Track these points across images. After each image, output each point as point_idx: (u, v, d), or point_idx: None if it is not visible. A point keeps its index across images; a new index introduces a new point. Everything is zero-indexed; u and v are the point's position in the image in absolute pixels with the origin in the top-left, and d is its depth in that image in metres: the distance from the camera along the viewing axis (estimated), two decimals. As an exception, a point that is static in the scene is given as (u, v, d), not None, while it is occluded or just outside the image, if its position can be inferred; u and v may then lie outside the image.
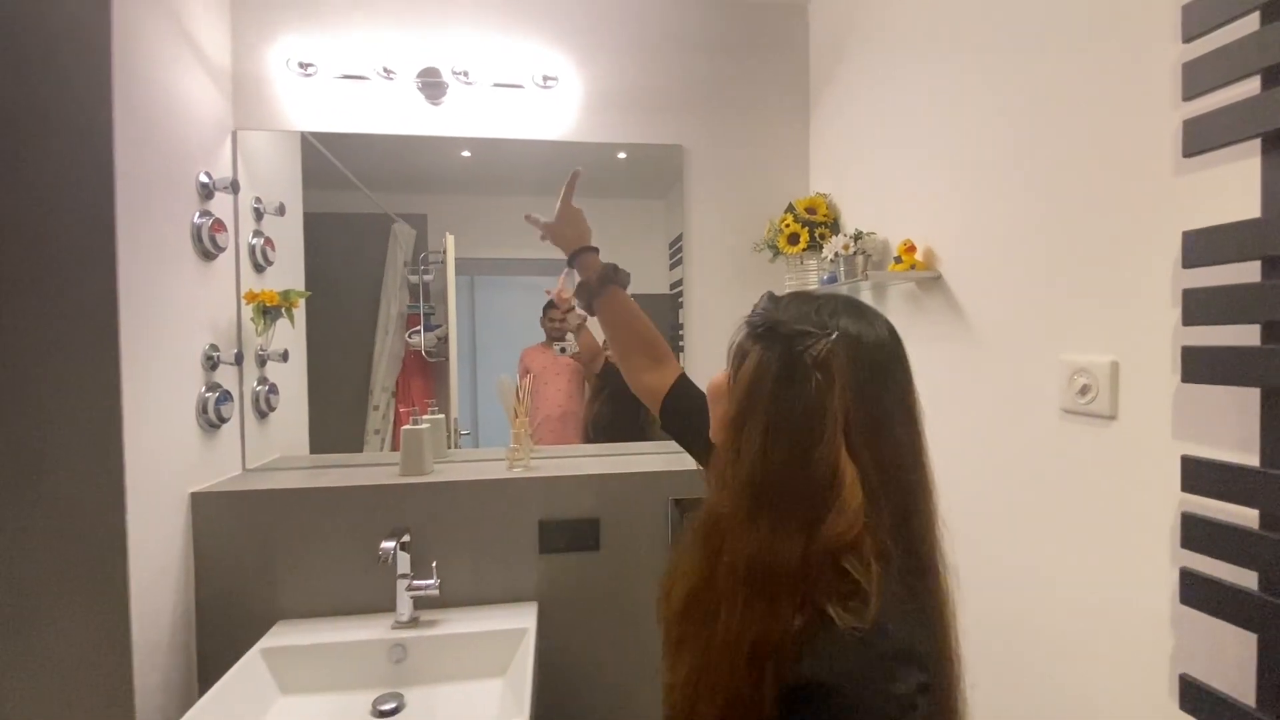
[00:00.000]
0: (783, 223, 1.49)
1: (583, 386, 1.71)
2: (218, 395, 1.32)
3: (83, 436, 1.05)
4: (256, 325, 1.42)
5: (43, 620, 1.04)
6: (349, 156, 1.55)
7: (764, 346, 0.59)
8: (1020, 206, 0.92)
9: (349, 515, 1.31)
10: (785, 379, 0.57)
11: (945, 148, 1.09)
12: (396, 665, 1.20)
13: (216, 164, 1.37)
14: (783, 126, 1.65)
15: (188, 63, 1.27)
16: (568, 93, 1.56)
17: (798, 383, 0.56)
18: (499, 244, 1.66)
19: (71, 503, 1.05)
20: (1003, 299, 0.96)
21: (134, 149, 1.09)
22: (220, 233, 1.33)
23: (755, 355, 0.59)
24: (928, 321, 1.15)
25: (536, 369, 1.67)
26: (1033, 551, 0.91)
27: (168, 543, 1.19)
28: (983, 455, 1.01)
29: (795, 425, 0.56)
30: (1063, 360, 0.84)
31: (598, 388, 1.69)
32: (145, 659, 1.10)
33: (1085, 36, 0.81)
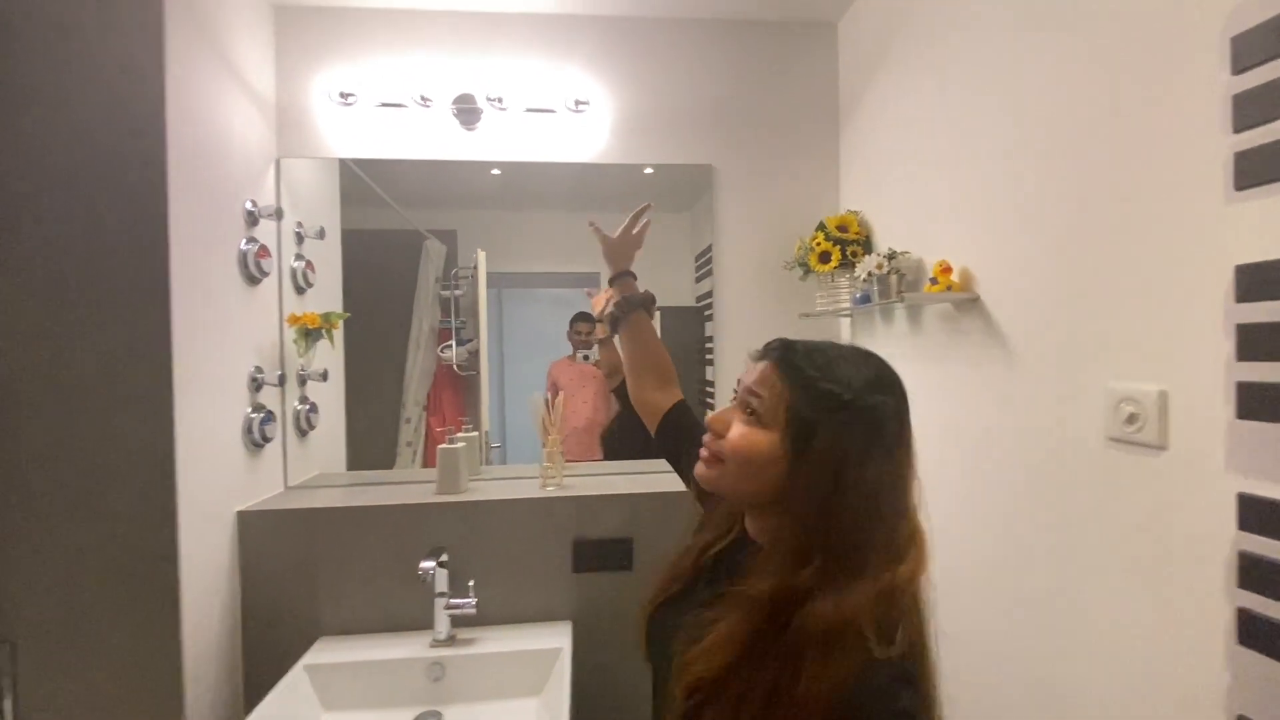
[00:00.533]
0: (814, 241, 1.49)
1: (608, 397, 1.72)
2: (262, 416, 1.36)
3: (138, 457, 1.09)
4: (299, 347, 1.47)
5: (98, 636, 1.09)
6: (384, 178, 1.59)
7: (842, 422, 0.61)
8: (1063, 230, 0.91)
9: (387, 533, 1.33)
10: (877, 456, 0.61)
11: (983, 168, 1.09)
12: (435, 683, 1.22)
13: (261, 192, 1.42)
14: (812, 144, 1.65)
15: (235, 95, 1.32)
16: (599, 116, 1.58)
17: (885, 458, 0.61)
18: (527, 258, 1.68)
19: (127, 522, 1.09)
20: (1045, 323, 0.95)
21: (185, 180, 1.14)
22: (265, 258, 1.37)
23: (834, 431, 0.61)
24: (965, 343, 1.14)
25: (564, 382, 1.70)
26: (1077, 581, 0.89)
27: (216, 560, 1.22)
28: (1023, 480, 0.99)
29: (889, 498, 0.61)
30: (1109, 388, 0.82)
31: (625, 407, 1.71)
32: (194, 674, 1.14)
33: (1131, 55, 0.80)
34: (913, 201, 1.31)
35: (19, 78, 1.07)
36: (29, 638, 1.08)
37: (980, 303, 1.08)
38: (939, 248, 1.21)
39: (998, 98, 1.05)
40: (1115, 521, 0.83)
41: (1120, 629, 0.82)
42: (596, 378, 1.71)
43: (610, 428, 1.70)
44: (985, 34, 1.07)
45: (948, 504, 1.20)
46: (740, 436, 0.66)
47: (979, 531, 1.11)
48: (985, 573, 1.09)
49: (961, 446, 1.15)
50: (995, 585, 1.06)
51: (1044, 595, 0.95)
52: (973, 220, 1.12)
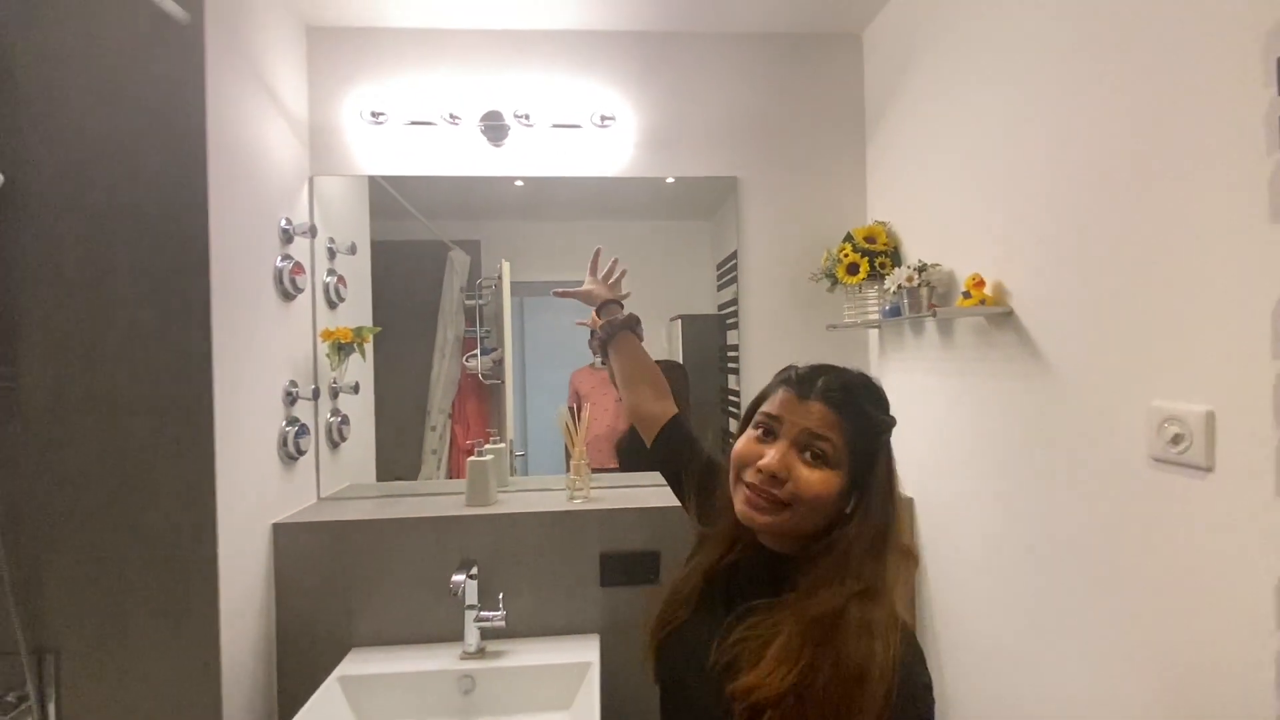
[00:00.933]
0: (841, 252, 1.48)
1: None
2: (296, 429, 1.38)
3: (179, 472, 1.12)
4: (331, 361, 1.49)
5: (139, 646, 1.11)
6: (410, 192, 1.61)
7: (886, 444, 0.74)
8: (1103, 243, 0.90)
9: (418, 545, 1.35)
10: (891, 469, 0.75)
11: (1016, 178, 1.07)
12: (465, 696, 1.23)
13: (295, 210, 1.45)
14: (838, 155, 1.64)
15: (270, 116, 1.36)
16: (624, 130, 1.60)
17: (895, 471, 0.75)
18: (548, 267, 1.69)
19: (168, 533, 1.12)
20: (1083, 339, 0.93)
21: (225, 199, 1.17)
22: (299, 275, 1.40)
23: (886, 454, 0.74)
24: (998, 358, 1.12)
25: (585, 390, 1.70)
26: (1116, 607, 0.87)
27: (253, 571, 1.25)
28: (1060, 500, 0.97)
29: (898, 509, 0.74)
30: (1152, 407, 0.81)
31: None
32: (232, 684, 1.16)
33: (1174, 64, 0.79)
34: (943, 212, 1.30)
35: (67, 101, 1.11)
36: (72, 647, 1.11)
37: (1014, 316, 1.07)
38: (971, 260, 1.19)
39: (1031, 107, 1.03)
40: (1158, 545, 0.81)
41: (1162, 658, 0.80)
42: None
43: (625, 435, 1.71)
44: (1016, 43, 1.06)
45: (980, 525, 1.18)
46: (820, 482, 0.71)
47: (1013, 554, 1.09)
48: (1020, 598, 1.07)
49: (994, 464, 1.14)
50: (1030, 611, 1.04)
51: (1081, 621, 0.93)
52: (1006, 232, 1.10)
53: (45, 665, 1.11)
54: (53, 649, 1.11)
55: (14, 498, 1.10)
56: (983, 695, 1.19)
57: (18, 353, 1.10)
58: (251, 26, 1.29)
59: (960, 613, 1.26)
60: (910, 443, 1.46)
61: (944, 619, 1.33)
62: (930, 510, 1.38)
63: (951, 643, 1.30)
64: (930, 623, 1.38)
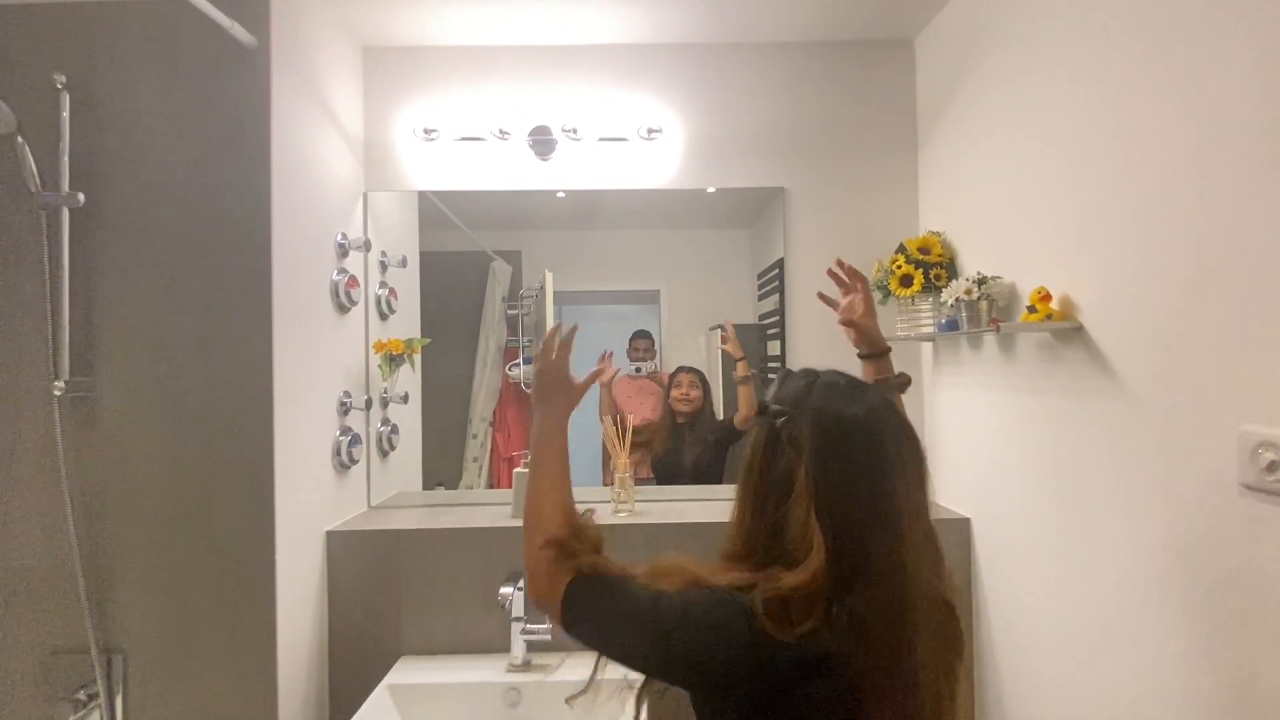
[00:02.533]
0: (893, 263, 1.44)
1: (665, 408, 1.71)
2: (349, 438, 1.41)
3: (241, 481, 1.15)
4: (383, 371, 1.52)
5: (201, 649, 1.15)
6: (457, 205, 1.65)
7: (757, 424, 0.73)
8: (1181, 251, 0.85)
9: (465, 555, 1.36)
10: (768, 452, 0.70)
11: (1082, 184, 1.03)
12: (511, 709, 1.23)
13: (350, 224, 1.49)
14: (889, 164, 1.60)
15: (329, 135, 1.40)
16: (670, 143, 1.59)
17: (776, 456, 0.69)
18: (588, 276, 1.71)
19: (229, 540, 1.15)
20: (1163, 357, 0.88)
21: (286, 215, 1.21)
22: (354, 288, 1.44)
23: (751, 433, 0.73)
24: (1066, 374, 1.07)
25: (622, 399, 1.70)
26: (1203, 647, 0.82)
27: (308, 578, 1.28)
28: (1135, 527, 0.92)
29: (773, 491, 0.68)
30: (1244, 431, 0.76)
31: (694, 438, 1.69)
32: (288, 688, 1.18)
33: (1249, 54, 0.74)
34: (1002, 222, 1.26)
35: (142, 123, 1.17)
36: (138, 648, 1.16)
37: (1084, 332, 1.02)
38: (1034, 272, 1.15)
39: (1096, 110, 0.99)
40: (1250, 577, 0.75)
41: (1250, 698, 0.75)
42: (654, 392, 1.71)
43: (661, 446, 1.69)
44: (1077, 45, 1.02)
45: (1041, 550, 1.13)
46: None
47: (1078, 583, 1.03)
48: (1086, 630, 1.01)
49: (1059, 487, 1.09)
50: (1097, 645, 0.99)
51: (1155, 658, 0.87)
52: (1073, 242, 1.06)
53: (114, 665, 1.15)
54: (120, 649, 1.15)
55: (89, 502, 1.15)
56: None
57: (95, 362, 1.15)
58: (312, 49, 1.33)
59: (1026, 643, 1.21)
60: (967, 463, 1.41)
61: (1006, 648, 1.27)
62: (990, 534, 1.32)
63: (1012, 672, 1.24)
64: (990, 652, 1.32)
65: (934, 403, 1.55)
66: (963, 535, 1.38)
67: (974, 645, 1.38)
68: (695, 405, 1.69)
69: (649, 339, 1.72)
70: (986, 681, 1.34)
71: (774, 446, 0.69)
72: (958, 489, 1.45)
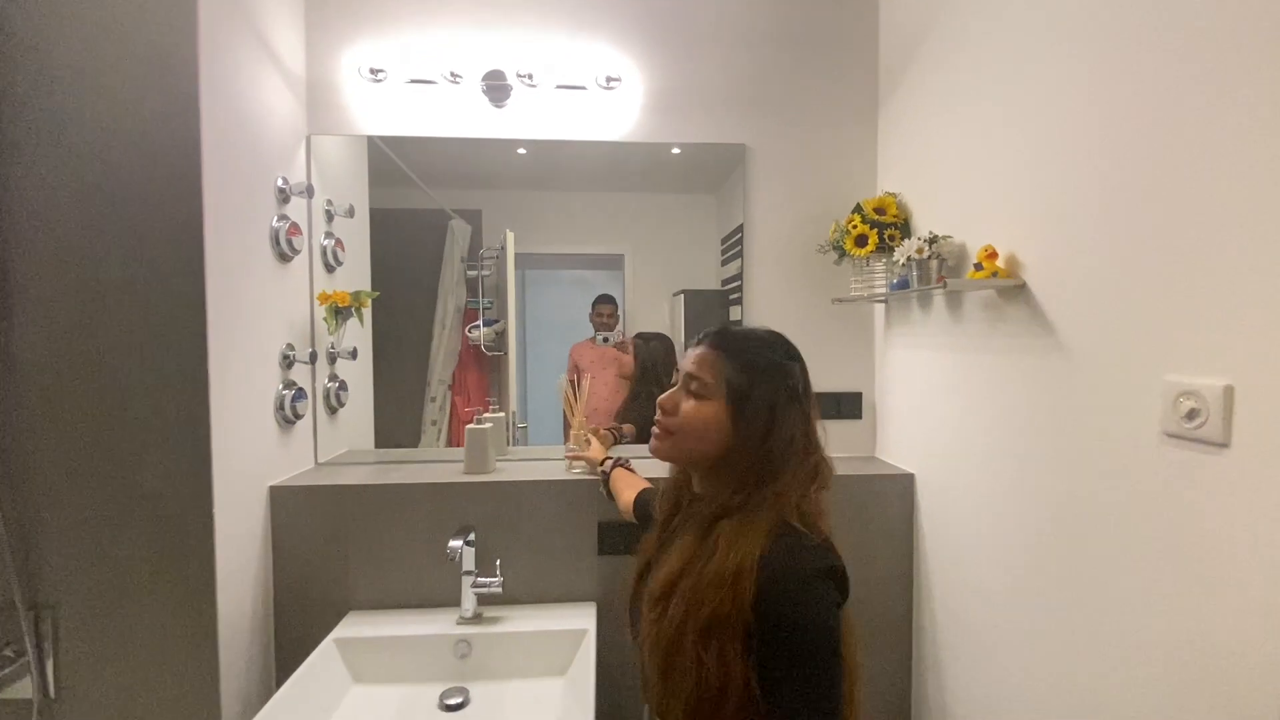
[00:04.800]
0: (850, 223, 1.44)
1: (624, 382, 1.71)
2: (293, 393, 1.37)
3: (174, 432, 1.11)
4: (329, 325, 1.47)
5: (137, 605, 1.12)
6: (411, 156, 1.58)
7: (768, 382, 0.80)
8: (1121, 213, 0.87)
9: (416, 511, 1.34)
10: (793, 405, 0.80)
11: (1033, 147, 1.04)
12: (461, 660, 1.23)
13: (292, 169, 1.42)
14: (850, 123, 1.60)
15: (266, 71, 1.32)
16: (630, 93, 1.55)
17: (798, 407, 0.80)
18: (550, 239, 1.67)
19: (163, 494, 1.11)
20: (1098, 313, 0.90)
21: (219, 155, 1.14)
22: (296, 235, 1.38)
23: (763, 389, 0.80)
24: (1007, 333, 1.10)
25: (585, 364, 1.69)
26: (1126, 586, 0.86)
27: (249, 534, 1.25)
28: (1069, 477, 0.96)
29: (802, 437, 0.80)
30: (1167, 381, 0.79)
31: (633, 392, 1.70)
32: (229, 644, 1.16)
33: (1198, 30, 0.75)
34: (956, 184, 1.27)
35: (53, 55, 1.07)
36: (70, 604, 1.11)
37: (1026, 290, 1.04)
38: (984, 233, 1.16)
39: (1048, 72, 0.99)
40: (1170, 524, 0.79)
41: (1174, 640, 0.79)
42: (617, 360, 1.70)
43: (623, 409, 1.69)
44: (1037, 7, 1.02)
45: (985, 505, 1.17)
46: (691, 410, 0.82)
47: (1019, 536, 1.07)
48: (1025, 580, 1.06)
49: (1001, 443, 1.12)
50: (1036, 593, 1.03)
51: (1089, 604, 0.92)
52: (1021, 203, 1.07)
53: (43, 621, 1.11)
54: (50, 605, 1.11)
55: (10, 454, 1.09)
56: (984, 679, 1.19)
57: (11, 307, 1.08)
58: (246, -25, 1.24)
59: (962, 594, 1.26)
60: (913, 421, 1.44)
61: (944, 600, 1.32)
62: (931, 489, 1.37)
63: (951, 624, 1.30)
64: (928, 603, 1.37)
65: (884, 363, 1.58)
66: (906, 490, 1.43)
67: (913, 595, 1.44)
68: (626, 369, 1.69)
69: (612, 304, 1.70)
70: (924, 629, 1.39)
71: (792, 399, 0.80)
72: (903, 446, 1.48)
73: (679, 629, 0.73)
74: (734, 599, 0.69)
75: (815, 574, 0.71)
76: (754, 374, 0.80)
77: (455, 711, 1.14)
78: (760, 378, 0.80)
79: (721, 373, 0.81)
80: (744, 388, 0.80)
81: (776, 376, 0.81)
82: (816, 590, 0.70)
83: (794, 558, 0.72)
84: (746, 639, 0.69)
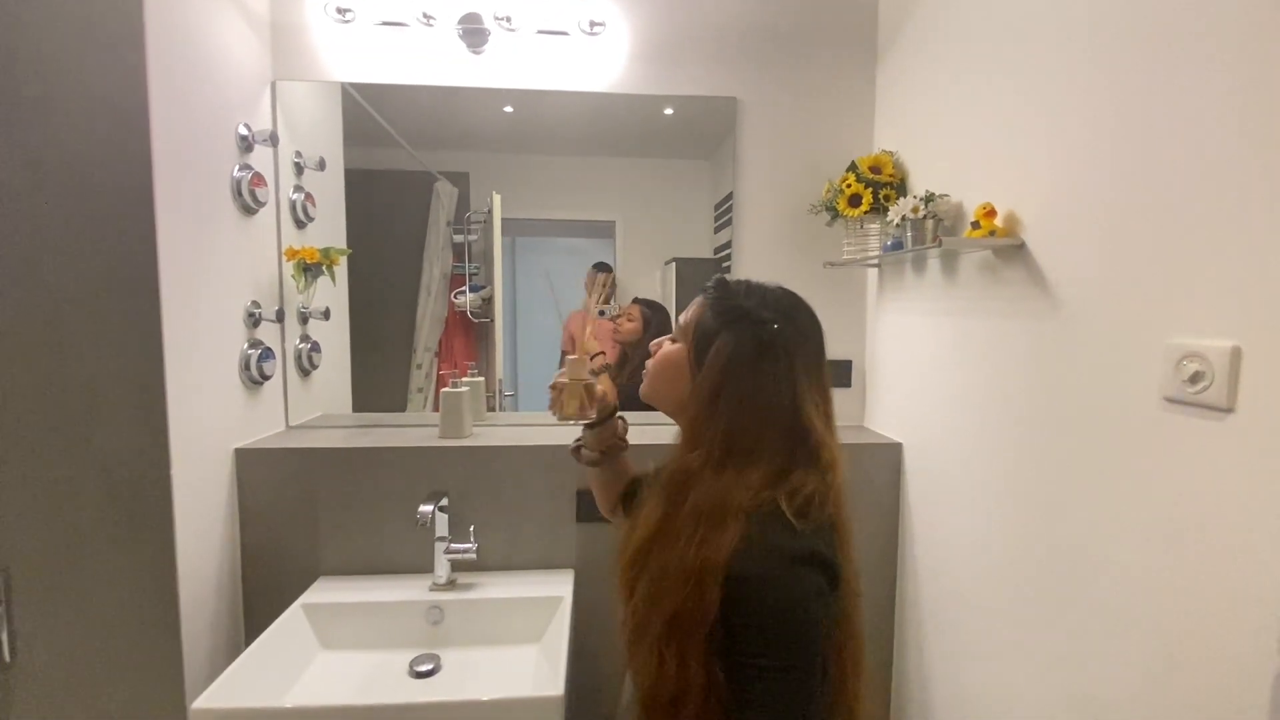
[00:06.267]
0: (843, 183, 1.38)
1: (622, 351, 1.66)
2: (260, 352, 1.31)
3: (126, 390, 1.05)
4: (298, 282, 1.41)
5: (93, 567, 1.07)
6: (390, 111, 1.50)
7: (736, 333, 0.73)
8: (1125, 170, 0.81)
9: (389, 475, 1.30)
10: (766, 367, 0.72)
11: (1035, 102, 0.97)
12: (433, 627, 1.21)
13: (256, 116, 1.34)
14: (846, 78, 1.51)
15: (224, 9, 1.23)
16: (615, 40, 1.46)
17: (776, 371, 0.72)
18: (541, 204, 1.61)
19: (117, 456, 1.06)
20: (1100, 274, 0.85)
21: (169, 99, 1.06)
22: (260, 187, 1.30)
23: (728, 339, 0.73)
24: (1006, 295, 1.04)
25: (579, 334, 1.63)
26: (1123, 553, 0.82)
27: (213, 496, 1.20)
28: (1062, 445, 0.92)
29: (779, 406, 0.71)
30: (1170, 344, 0.74)
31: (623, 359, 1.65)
32: (192, 609, 1.12)
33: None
34: (955, 141, 1.20)
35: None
36: (23, 566, 1.07)
37: (1025, 250, 0.99)
38: (982, 192, 1.10)
39: (1055, 22, 0.92)
40: (1168, 491, 0.75)
41: (1170, 612, 0.76)
42: (612, 329, 1.65)
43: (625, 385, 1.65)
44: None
45: (975, 475, 1.13)
46: (664, 350, 0.80)
47: (1011, 505, 1.04)
48: (1017, 551, 1.02)
49: (995, 408, 1.08)
50: (1028, 563, 1.00)
51: (1084, 572, 0.89)
52: (1021, 159, 1.01)
53: (-5, 583, 1.07)
54: (2, 566, 1.07)
55: (-49, 411, 1.03)
56: (970, 654, 1.17)
57: (-53, 256, 1.01)
58: (197, -101, 1.14)
59: (948, 565, 1.23)
60: (903, 388, 1.39)
61: (929, 571, 1.29)
62: (919, 459, 1.33)
63: (936, 597, 1.27)
64: (912, 575, 1.35)
65: (875, 330, 1.53)
66: (893, 460, 1.39)
67: (897, 566, 1.41)
68: (629, 336, 1.64)
69: (609, 273, 1.64)
70: (907, 602, 1.37)
71: (765, 353, 0.72)
72: (892, 414, 1.44)
73: (644, 617, 0.68)
74: (699, 597, 0.64)
75: (793, 557, 0.65)
76: (723, 321, 0.74)
77: (425, 678, 1.12)
78: (728, 326, 0.73)
79: (698, 316, 0.77)
80: (708, 333, 0.74)
81: (745, 327, 0.73)
82: (796, 574, 0.64)
83: (768, 539, 0.65)
84: (710, 639, 0.64)
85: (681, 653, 0.64)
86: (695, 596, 0.64)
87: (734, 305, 0.75)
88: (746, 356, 0.72)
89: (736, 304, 0.75)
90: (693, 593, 0.64)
